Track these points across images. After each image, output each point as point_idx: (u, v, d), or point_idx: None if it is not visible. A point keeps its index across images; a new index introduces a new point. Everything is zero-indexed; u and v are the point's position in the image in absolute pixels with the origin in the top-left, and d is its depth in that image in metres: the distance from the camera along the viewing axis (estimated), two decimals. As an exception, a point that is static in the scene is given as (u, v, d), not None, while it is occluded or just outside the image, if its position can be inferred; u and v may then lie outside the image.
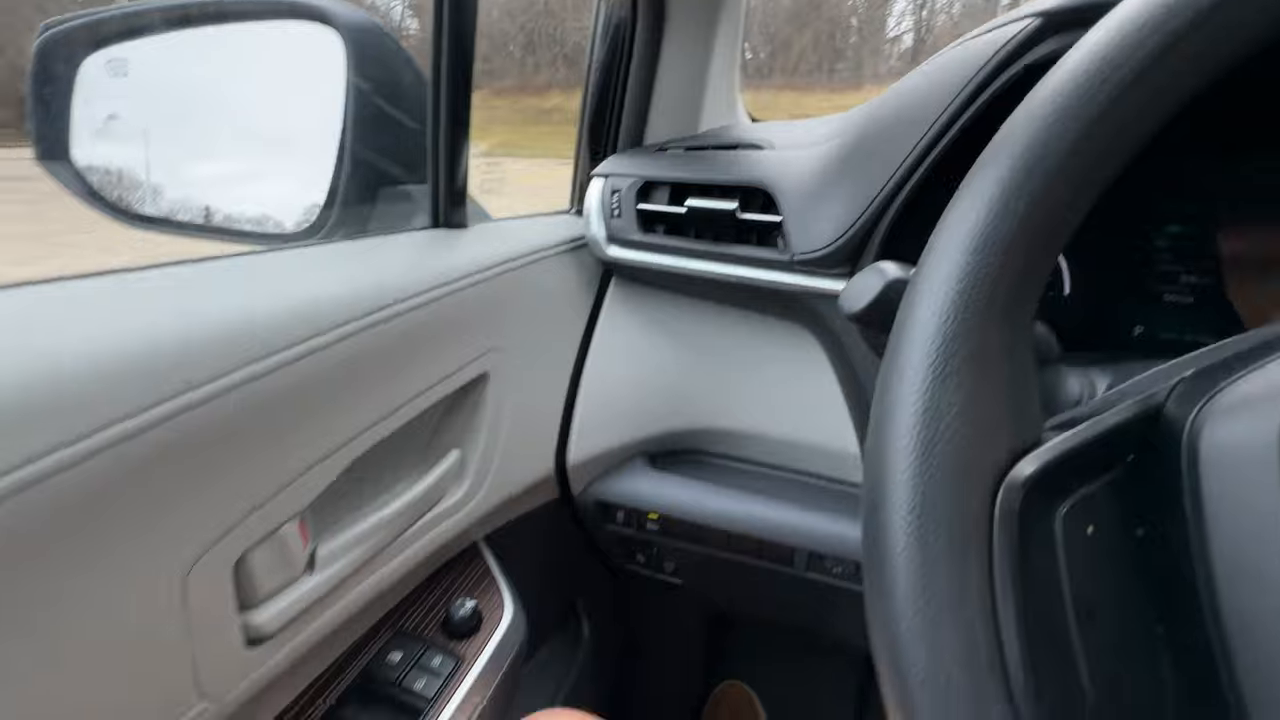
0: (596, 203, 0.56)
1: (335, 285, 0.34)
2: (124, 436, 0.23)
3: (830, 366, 0.53)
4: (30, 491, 0.20)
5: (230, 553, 0.28)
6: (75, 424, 0.21)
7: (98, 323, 0.24)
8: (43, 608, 0.21)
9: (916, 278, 0.22)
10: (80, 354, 0.22)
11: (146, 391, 0.24)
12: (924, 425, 0.19)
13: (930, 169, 0.43)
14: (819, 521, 0.49)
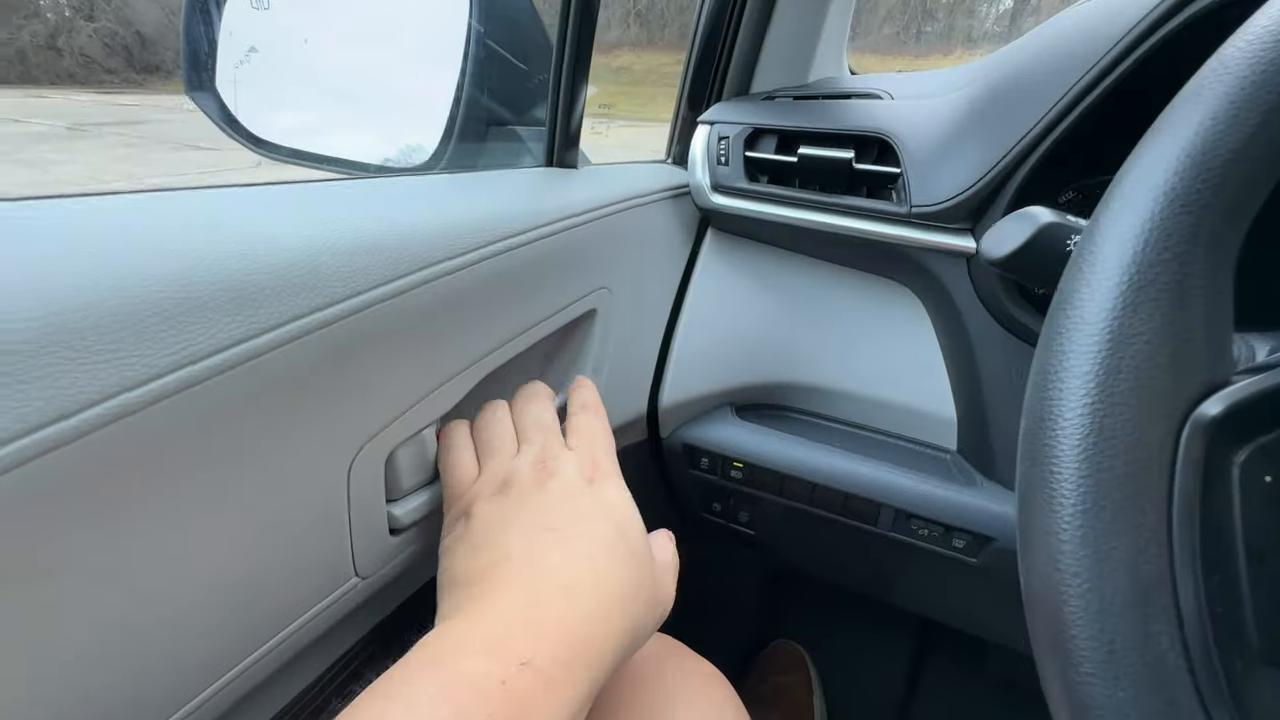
0: (701, 150, 0.56)
1: (469, 210, 0.35)
2: (302, 332, 0.25)
3: (932, 328, 0.52)
4: (235, 372, 0.22)
5: (384, 448, 0.31)
6: (268, 315, 0.24)
7: (270, 224, 0.26)
8: (235, 484, 0.24)
9: (1109, 203, 0.21)
10: (263, 251, 0.24)
11: (323, 291, 0.26)
12: (1109, 351, 0.19)
13: (1076, 123, 0.40)
14: (909, 480, 0.49)
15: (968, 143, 0.44)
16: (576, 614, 0.26)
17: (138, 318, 0.20)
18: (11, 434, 0.17)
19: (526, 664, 0.23)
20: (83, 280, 0.19)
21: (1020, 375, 0.45)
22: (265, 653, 0.28)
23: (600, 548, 0.29)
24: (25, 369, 0.17)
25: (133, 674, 0.22)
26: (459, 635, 0.24)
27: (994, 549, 0.47)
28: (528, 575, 0.27)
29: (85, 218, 0.22)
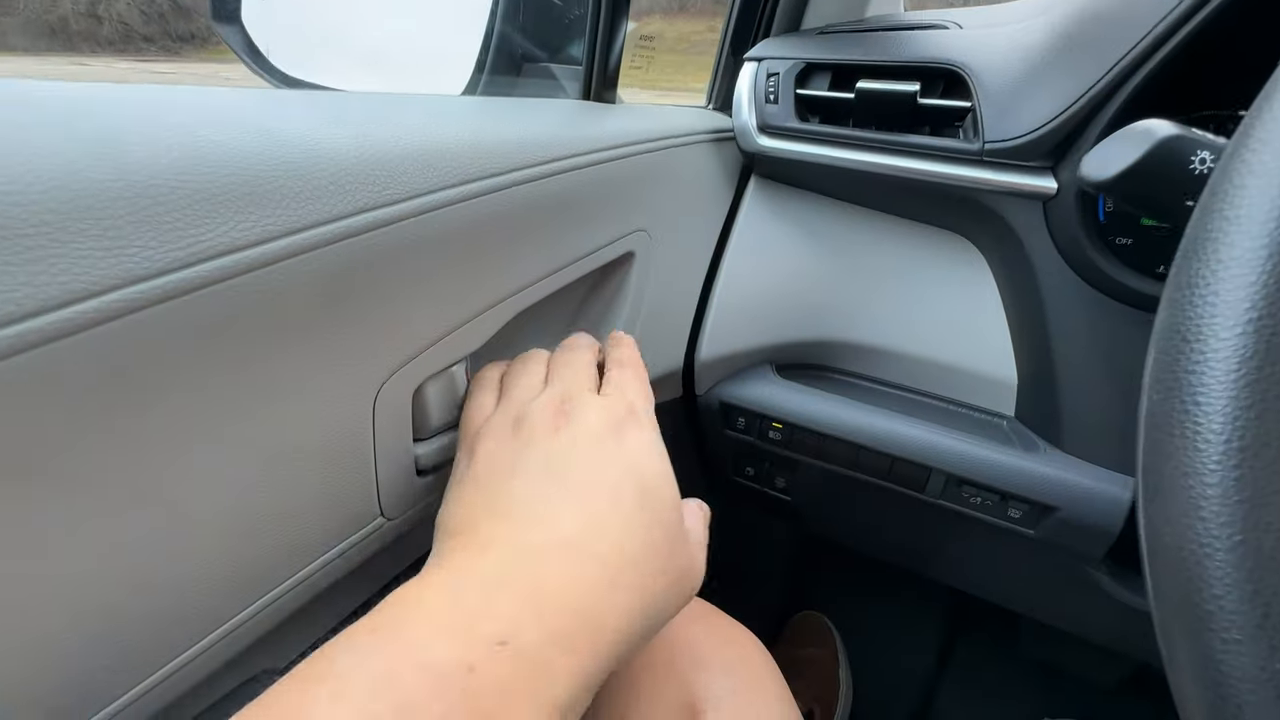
0: (748, 88, 0.52)
1: (505, 131, 0.33)
2: (322, 241, 0.23)
3: (993, 282, 0.48)
4: (248, 276, 0.20)
5: (411, 381, 0.29)
6: (287, 217, 0.21)
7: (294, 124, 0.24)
8: (251, 400, 0.22)
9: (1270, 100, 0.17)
10: (284, 149, 0.22)
11: (348, 198, 0.23)
12: (1278, 263, 0.16)
13: (1179, 49, 0.36)
14: (963, 444, 0.46)
15: (1051, 72, 0.40)
16: (575, 581, 0.21)
17: (139, 206, 0.18)
18: (8, 315, 0.15)
19: (505, 644, 0.18)
20: (81, 164, 0.17)
21: (1101, 332, 0.41)
22: (288, 589, 0.26)
23: (613, 503, 0.24)
24: (11, 250, 0.15)
25: (153, 596, 0.21)
26: (426, 601, 0.19)
27: (1056, 520, 0.43)
28: (521, 529, 0.22)
29: (88, 104, 0.19)
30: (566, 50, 0.58)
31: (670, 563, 0.25)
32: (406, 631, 0.18)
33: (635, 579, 0.22)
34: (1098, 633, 0.53)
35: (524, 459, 0.25)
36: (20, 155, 0.16)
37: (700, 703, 0.32)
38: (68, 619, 0.19)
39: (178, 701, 0.25)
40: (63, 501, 0.17)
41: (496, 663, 0.17)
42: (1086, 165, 0.27)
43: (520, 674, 0.18)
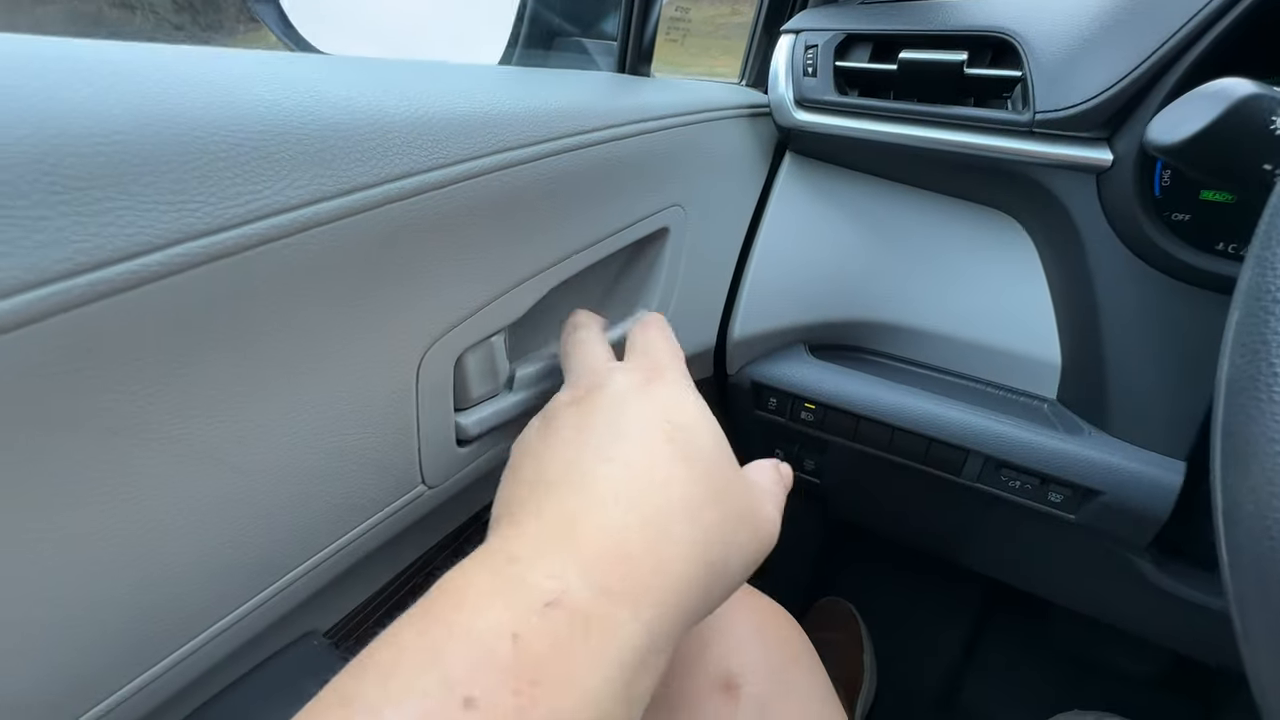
0: (785, 62, 0.51)
1: (545, 100, 0.32)
2: (373, 203, 0.22)
3: (1038, 260, 0.47)
4: (302, 236, 0.20)
5: (454, 348, 0.29)
6: (338, 178, 0.21)
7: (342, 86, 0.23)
8: (301, 360, 0.22)
9: None
10: (334, 110, 0.22)
11: (396, 161, 0.23)
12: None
13: (1249, 10, 0.34)
14: (1003, 426, 0.45)
15: (1109, 36, 0.38)
16: (619, 535, 0.20)
17: (201, 162, 0.18)
18: (62, 271, 0.15)
19: (551, 605, 0.17)
20: (144, 118, 0.17)
21: (1154, 309, 0.39)
22: (334, 551, 0.27)
23: (646, 453, 0.23)
24: (78, 201, 0.15)
25: (208, 554, 0.21)
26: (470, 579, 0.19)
27: (1099, 505, 0.42)
28: (556, 498, 0.22)
29: (147, 61, 0.19)
30: (598, 25, 0.57)
31: (726, 505, 0.23)
32: (451, 611, 0.17)
33: (685, 525, 0.21)
34: (1136, 623, 0.52)
35: (551, 437, 0.25)
36: (87, 109, 0.16)
37: (736, 678, 0.32)
38: (127, 575, 0.19)
39: (227, 660, 0.25)
40: (119, 456, 0.18)
41: (544, 625, 0.17)
42: (1155, 129, 0.25)
43: (572, 633, 0.17)
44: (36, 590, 0.17)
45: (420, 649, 0.16)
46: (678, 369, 0.28)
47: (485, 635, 0.16)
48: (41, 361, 0.15)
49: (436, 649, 0.16)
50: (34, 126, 0.15)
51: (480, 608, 0.17)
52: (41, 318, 0.15)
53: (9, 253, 0.14)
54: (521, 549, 0.19)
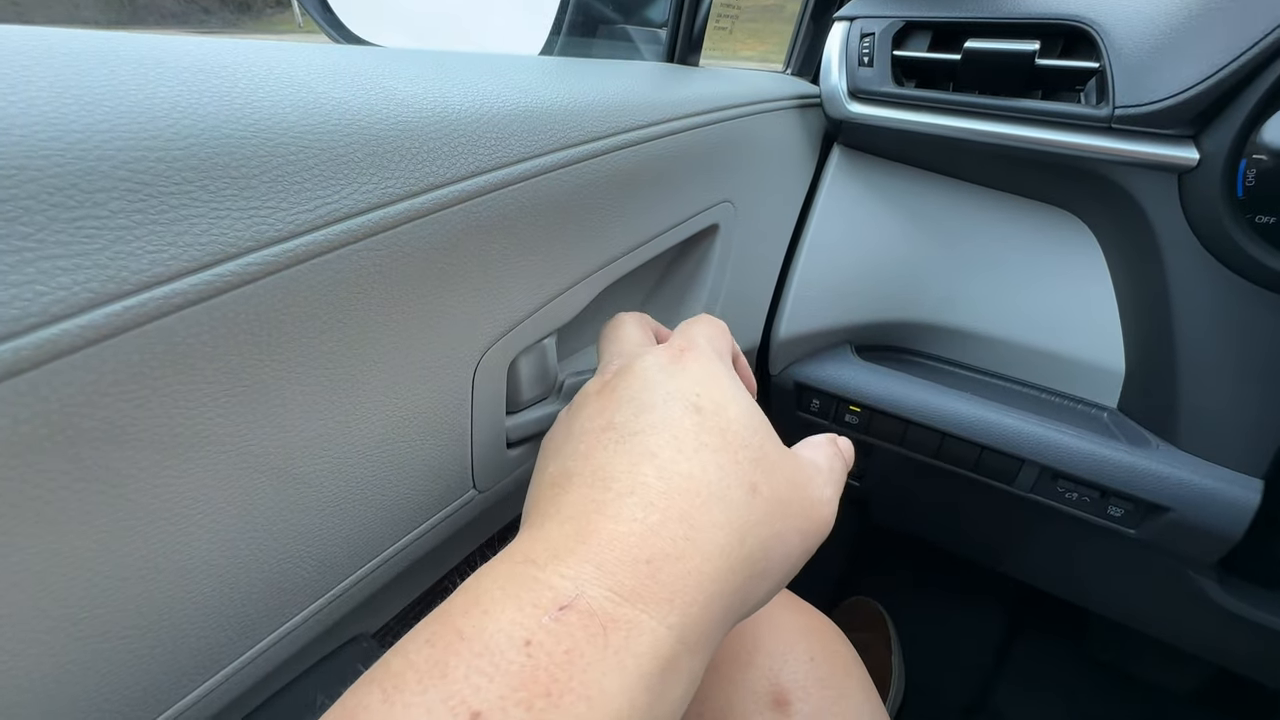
0: (838, 50, 0.49)
1: (601, 93, 0.31)
2: (437, 205, 0.22)
3: (1104, 263, 0.44)
4: (370, 241, 0.20)
5: (507, 353, 0.28)
6: (405, 180, 0.20)
7: (405, 82, 0.22)
8: (367, 368, 0.22)
9: None
10: (400, 108, 0.21)
11: (460, 161, 0.22)
12: None
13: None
14: (1062, 436, 0.43)
15: (1201, 27, 0.35)
16: (641, 530, 0.18)
17: (271, 165, 0.17)
18: (140, 283, 0.14)
19: (566, 609, 0.16)
20: (215, 121, 0.16)
21: (1234, 317, 0.37)
22: (388, 557, 0.26)
23: (670, 436, 0.20)
24: (155, 209, 0.15)
25: (269, 563, 0.21)
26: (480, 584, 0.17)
27: (1166, 521, 0.40)
28: (576, 491, 0.20)
29: (214, 59, 0.19)
30: (642, 12, 0.55)
31: (766, 486, 0.21)
32: (460, 616, 0.16)
33: (717, 513, 0.19)
34: (1192, 640, 0.50)
35: (574, 426, 0.23)
36: (160, 112, 0.15)
37: (787, 693, 0.31)
38: (195, 585, 0.19)
39: (284, 664, 0.25)
40: (189, 469, 0.17)
41: (558, 631, 0.15)
42: (1273, 131, 0.23)
43: (590, 640, 0.15)
44: (112, 601, 0.17)
45: (428, 659, 0.15)
46: (711, 347, 0.25)
47: (495, 642, 0.15)
48: (116, 379, 0.14)
49: (444, 660, 0.15)
50: (113, 129, 0.14)
51: (492, 613, 0.16)
52: (119, 332, 0.14)
53: (88, 265, 0.13)
54: (537, 551, 0.18)
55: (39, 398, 0.13)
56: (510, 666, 0.15)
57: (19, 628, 0.15)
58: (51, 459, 0.14)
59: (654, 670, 0.16)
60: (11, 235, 0.12)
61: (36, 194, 0.13)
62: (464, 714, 0.14)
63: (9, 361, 0.12)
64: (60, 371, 0.13)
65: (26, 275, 0.13)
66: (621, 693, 0.15)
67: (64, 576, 0.15)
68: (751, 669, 0.33)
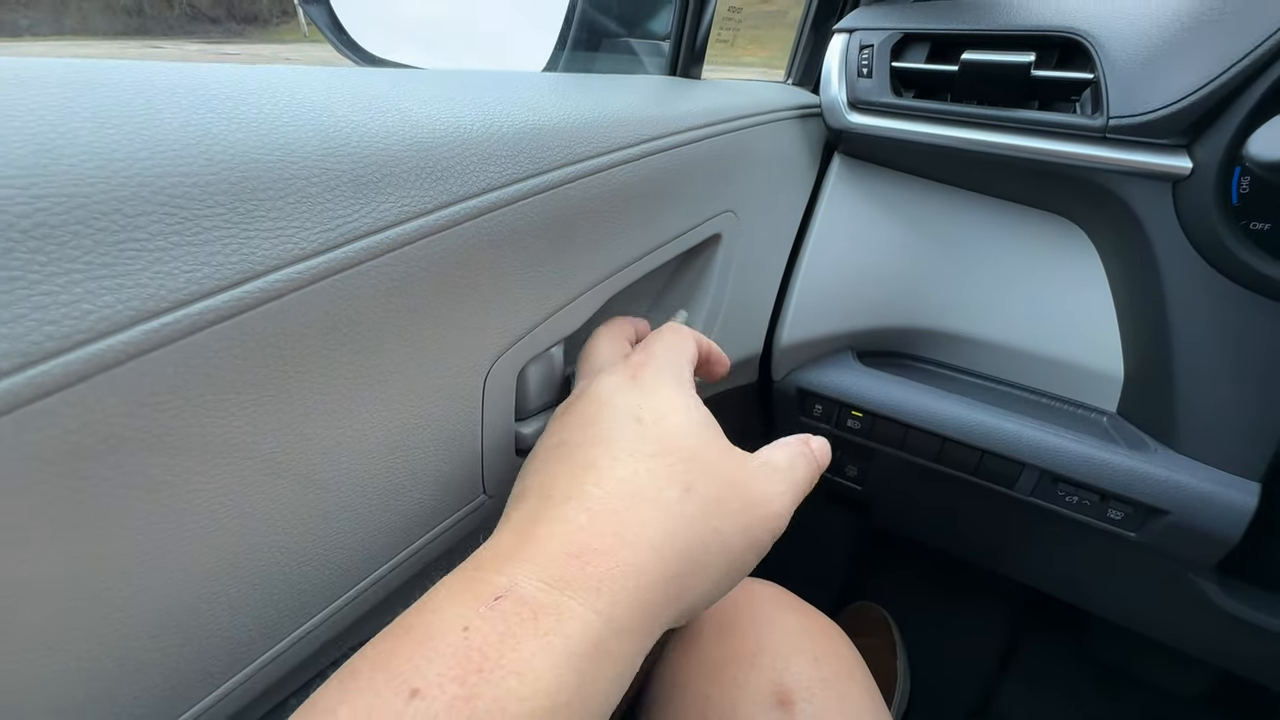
0: (838, 62, 0.49)
1: (605, 109, 0.32)
2: (451, 221, 0.23)
3: (1102, 270, 0.45)
4: (389, 257, 0.20)
5: (517, 362, 0.29)
6: (421, 198, 0.21)
7: (417, 103, 0.23)
8: (387, 378, 0.22)
9: None
10: (413, 128, 0.22)
11: (472, 178, 0.23)
12: None
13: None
14: (1061, 439, 0.44)
15: (1193, 38, 0.36)
16: (571, 529, 0.20)
17: (295, 187, 0.18)
18: (176, 300, 0.15)
19: (503, 597, 0.17)
20: (243, 146, 0.17)
21: (1230, 322, 0.38)
22: (400, 561, 0.27)
23: (607, 446, 0.22)
24: (189, 230, 0.16)
25: (288, 568, 0.22)
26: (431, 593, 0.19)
27: (1165, 525, 0.41)
28: (529, 504, 0.22)
29: (237, 86, 0.20)
30: (644, 25, 0.57)
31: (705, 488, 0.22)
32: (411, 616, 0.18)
33: (648, 511, 0.21)
34: (1193, 643, 0.50)
35: (538, 448, 0.25)
36: (193, 139, 0.16)
37: (791, 693, 0.32)
38: (221, 587, 0.20)
39: (300, 666, 0.26)
40: (220, 476, 0.18)
41: (493, 617, 0.17)
42: (1258, 144, 0.24)
43: (519, 621, 0.17)
44: (146, 600, 0.17)
45: (379, 652, 0.17)
46: (668, 359, 0.27)
47: (436, 631, 0.17)
48: (154, 391, 0.15)
49: (391, 650, 0.17)
50: (152, 156, 0.15)
51: (439, 610, 0.17)
52: (157, 347, 0.15)
53: (130, 285, 0.14)
54: (484, 558, 0.20)
55: (86, 409, 0.14)
56: (448, 649, 0.16)
57: (61, 625, 0.16)
58: (97, 466, 0.15)
59: (582, 651, 0.17)
60: (63, 259, 0.13)
61: (85, 219, 0.14)
62: (404, 691, 0.15)
63: (60, 376, 0.13)
64: (105, 384, 0.14)
65: (75, 295, 0.13)
66: (550, 670, 0.16)
67: (104, 576, 0.16)
68: (755, 670, 0.33)
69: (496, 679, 0.16)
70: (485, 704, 0.15)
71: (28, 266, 0.13)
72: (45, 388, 0.13)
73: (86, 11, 1.32)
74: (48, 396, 0.13)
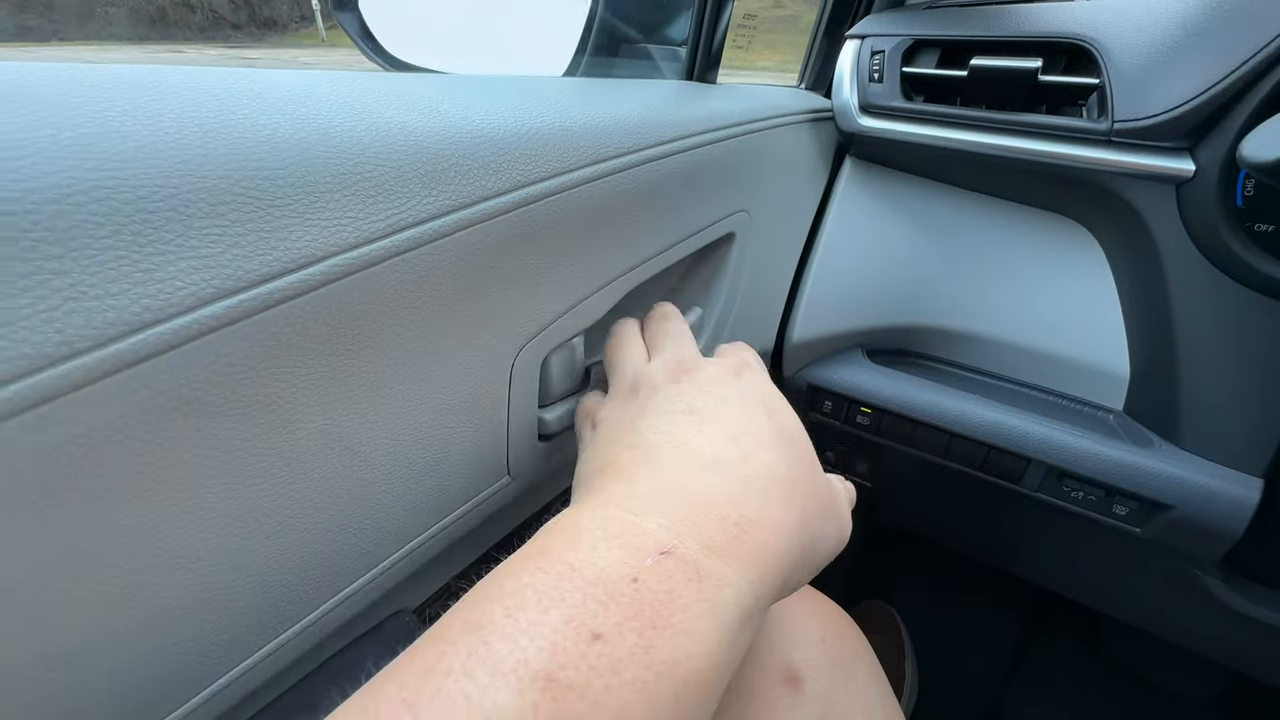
0: (850, 67, 0.51)
1: (627, 111, 0.34)
2: (487, 215, 0.24)
3: (1109, 270, 0.46)
4: (432, 246, 0.22)
5: (542, 349, 0.31)
6: (457, 192, 0.23)
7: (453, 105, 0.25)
8: (425, 360, 0.24)
9: None
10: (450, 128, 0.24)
11: (506, 175, 0.25)
12: None
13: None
14: (1067, 435, 0.45)
15: (1196, 44, 0.37)
16: (727, 497, 0.20)
17: (349, 182, 0.20)
18: (251, 279, 0.17)
19: (665, 554, 0.18)
20: (305, 144, 0.19)
21: (1232, 322, 0.39)
22: (431, 535, 0.29)
23: (750, 428, 0.24)
24: (261, 219, 0.17)
25: (330, 535, 0.24)
26: (583, 524, 0.19)
27: (1169, 520, 0.42)
28: (664, 457, 0.22)
29: (301, 89, 0.21)
30: (662, 32, 0.58)
31: (816, 494, 0.24)
32: (568, 552, 0.18)
33: (787, 496, 0.22)
34: (1199, 639, 0.51)
35: (649, 406, 0.26)
36: (262, 138, 0.18)
37: (799, 671, 0.33)
38: (274, 541, 0.21)
39: (338, 632, 0.27)
40: (282, 439, 0.20)
41: (660, 571, 0.17)
42: (1250, 146, 0.25)
43: (685, 580, 0.17)
44: (214, 554, 0.19)
45: (545, 584, 0.17)
46: (760, 369, 0.30)
47: (606, 575, 0.17)
48: (230, 361, 0.17)
49: (560, 586, 0.17)
50: (230, 152, 0.17)
51: (599, 550, 0.18)
52: (234, 321, 0.17)
53: (213, 265, 0.16)
54: (634, 501, 0.20)
55: (174, 375, 0.16)
56: (621, 598, 0.16)
57: (143, 573, 0.17)
58: (180, 428, 0.16)
59: (736, 618, 0.18)
60: (159, 241, 0.15)
61: (177, 207, 0.16)
62: (585, 634, 0.16)
63: (154, 344, 0.15)
64: (192, 353, 0.16)
65: (169, 273, 0.15)
66: (713, 633, 0.17)
67: (184, 529, 0.18)
68: (764, 648, 0.34)
69: (668, 636, 0.16)
70: (661, 657, 0.16)
71: (131, 246, 0.15)
72: (144, 354, 0.15)
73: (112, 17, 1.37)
74: (146, 361, 0.15)
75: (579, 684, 0.15)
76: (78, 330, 0.14)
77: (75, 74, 0.17)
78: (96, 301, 0.14)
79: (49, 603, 0.16)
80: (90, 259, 0.14)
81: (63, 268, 0.14)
